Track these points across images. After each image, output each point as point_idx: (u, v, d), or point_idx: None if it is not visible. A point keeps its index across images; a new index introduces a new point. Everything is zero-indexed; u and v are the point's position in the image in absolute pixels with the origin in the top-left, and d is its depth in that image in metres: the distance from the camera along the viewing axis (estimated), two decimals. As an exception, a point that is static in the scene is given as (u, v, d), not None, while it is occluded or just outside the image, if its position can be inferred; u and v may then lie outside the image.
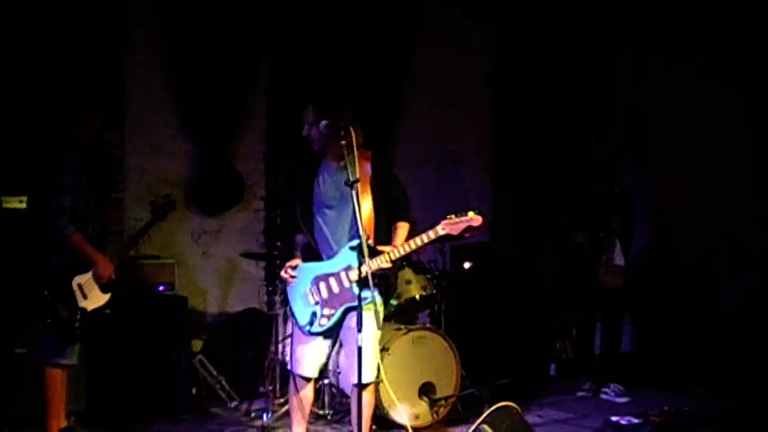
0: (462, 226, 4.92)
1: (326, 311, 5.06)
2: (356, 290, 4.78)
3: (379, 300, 5.10)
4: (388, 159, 5.61)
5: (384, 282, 5.13)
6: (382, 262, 4.94)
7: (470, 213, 4.91)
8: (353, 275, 4.95)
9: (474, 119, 9.20)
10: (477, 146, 9.26)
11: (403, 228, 5.22)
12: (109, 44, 7.14)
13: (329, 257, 5.14)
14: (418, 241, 4.95)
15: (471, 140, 9.21)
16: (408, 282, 6.75)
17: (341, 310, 5.05)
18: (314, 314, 5.07)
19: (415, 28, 8.59)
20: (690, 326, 8.52)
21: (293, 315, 5.22)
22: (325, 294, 5.08)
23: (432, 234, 4.94)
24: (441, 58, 8.89)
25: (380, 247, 5.00)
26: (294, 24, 7.90)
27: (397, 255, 4.97)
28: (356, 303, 4.68)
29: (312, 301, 5.10)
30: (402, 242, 5.06)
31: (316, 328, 5.07)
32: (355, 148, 4.82)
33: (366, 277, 4.64)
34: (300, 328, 5.15)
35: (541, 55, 9.30)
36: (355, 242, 4.86)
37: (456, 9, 8.88)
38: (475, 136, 9.23)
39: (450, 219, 4.92)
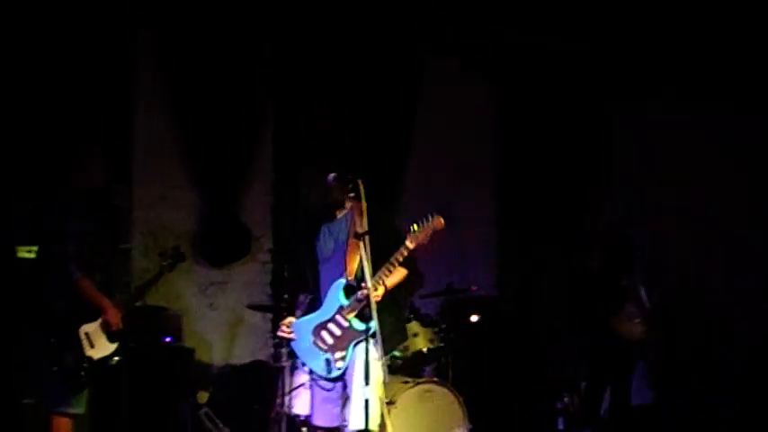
0: (428, 232, 4.97)
1: (338, 354, 5.07)
2: (357, 325, 4.90)
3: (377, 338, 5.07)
4: (387, 210, 5.63)
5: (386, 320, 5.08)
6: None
7: (431, 218, 4.97)
8: (347, 313, 5.02)
9: (478, 173, 9.19)
10: (483, 198, 9.22)
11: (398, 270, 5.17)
12: (114, 92, 7.18)
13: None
14: (393, 261, 4.98)
15: (476, 194, 9.17)
16: (415, 335, 6.72)
17: (351, 347, 5.05)
18: (327, 360, 5.08)
19: (415, 92, 8.61)
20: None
21: (309, 369, 5.28)
22: (330, 341, 5.11)
23: (404, 251, 4.97)
24: (443, 114, 8.83)
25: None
26: (301, 81, 7.98)
27: (380, 280, 4.97)
28: (361, 338, 4.83)
29: (321, 351, 5.12)
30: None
31: (335, 373, 5.08)
32: (363, 199, 4.87)
33: (363, 311, 4.74)
34: (319, 377, 5.17)
35: (548, 109, 9.21)
36: (339, 282, 5.04)
37: (456, 64, 8.90)
38: (480, 189, 9.21)
39: (414, 230, 4.98)
